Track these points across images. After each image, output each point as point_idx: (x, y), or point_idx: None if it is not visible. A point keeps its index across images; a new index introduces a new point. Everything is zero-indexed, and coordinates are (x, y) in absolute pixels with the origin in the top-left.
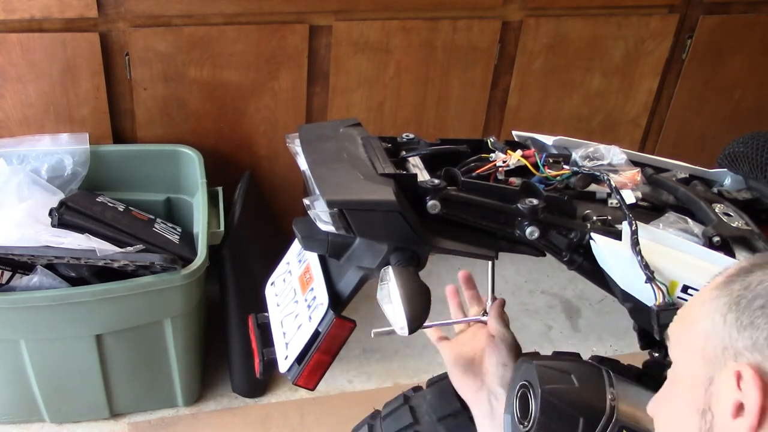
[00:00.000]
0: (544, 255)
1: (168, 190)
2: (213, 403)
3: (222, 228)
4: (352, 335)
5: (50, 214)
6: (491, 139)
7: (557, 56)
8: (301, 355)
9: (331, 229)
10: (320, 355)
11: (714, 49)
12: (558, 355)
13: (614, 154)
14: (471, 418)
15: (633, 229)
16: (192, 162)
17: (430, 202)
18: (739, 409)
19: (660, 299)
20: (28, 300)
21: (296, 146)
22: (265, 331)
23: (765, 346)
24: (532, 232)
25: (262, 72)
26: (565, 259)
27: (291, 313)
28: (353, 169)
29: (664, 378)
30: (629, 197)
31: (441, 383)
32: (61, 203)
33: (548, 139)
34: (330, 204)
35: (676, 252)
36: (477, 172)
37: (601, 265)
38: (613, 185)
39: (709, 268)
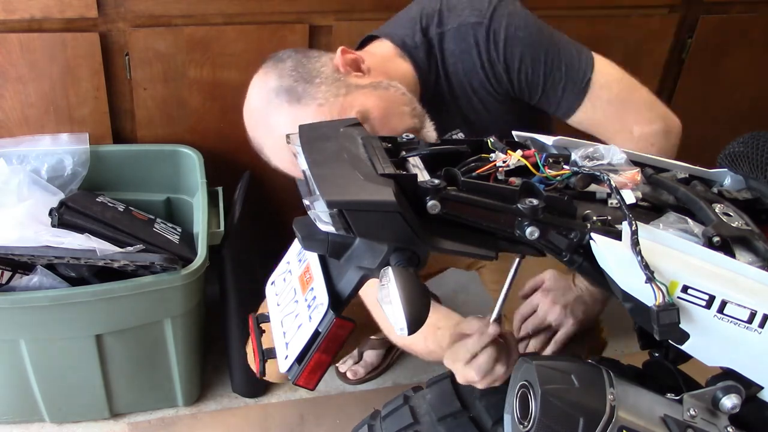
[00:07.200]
0: (544, 255)
1: (168, 190)
2: (213, 403)
3: (222, 228)
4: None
5: (50, 214)
6: (491, 139)
7: None
8: (301, 355)
9: (330, 229)
10: (320, 355)
11: (714, 49)
12: (558, 356)
13: (614, 154)
14: (471, 418)
15: (633, 229)
16: (192, 162)
17: (430, 203)
18: None
19: (660, 299)
20: (28, 300)
21: (296, 146)
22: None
23: None
24: (532, 232)
25: None
26: (565, 259)
27: (291, 312)
28: (353, 170)
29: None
30: (629, 197)
31: (441, 383)
32: (61, 203)
33: (548, 139)
34: (330, 204)
35: (676, 252)
36: (477, 172)
37: (601, 265)
38: (613, 185)
39: (709, 268)
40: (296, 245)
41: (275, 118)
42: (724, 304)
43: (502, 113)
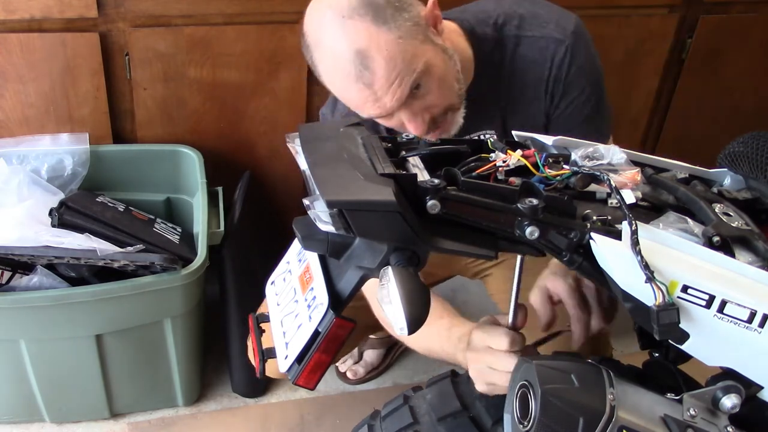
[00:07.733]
0: (544, 255)
1: (168, 190)
2: (213, 403)
3: (222, 228)
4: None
5: (50, 214)
6: (491, 139)
7: None
8: (301, 354)
9: (330, 229)
10: (320, 355)
11: (714, 49)
12: (558, 355)
13: (614, 154)
14: (471, 418)
15: (633, 229)
16: (192, 162)
17: (430, 202)
18: None
19: (660, 299)
20: (28, 300)
21: (296, 146)
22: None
23: None
24: (532, 232)
25: (262, 72)
26: (565, 258)
27: (291, 312)
28: (353, 169)
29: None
30: (629, 197)
31: (441, 383)
32: (61, 203)
33: (548, 139)
34: (330, 204)
35: (676, 252)
36: (477, 172)
37: (601, 265)
38: (613, 185)
39: (709, 268)
40: (296, 245)
41: (353, 28)
42: (724, 303)
43: (536, 128)
